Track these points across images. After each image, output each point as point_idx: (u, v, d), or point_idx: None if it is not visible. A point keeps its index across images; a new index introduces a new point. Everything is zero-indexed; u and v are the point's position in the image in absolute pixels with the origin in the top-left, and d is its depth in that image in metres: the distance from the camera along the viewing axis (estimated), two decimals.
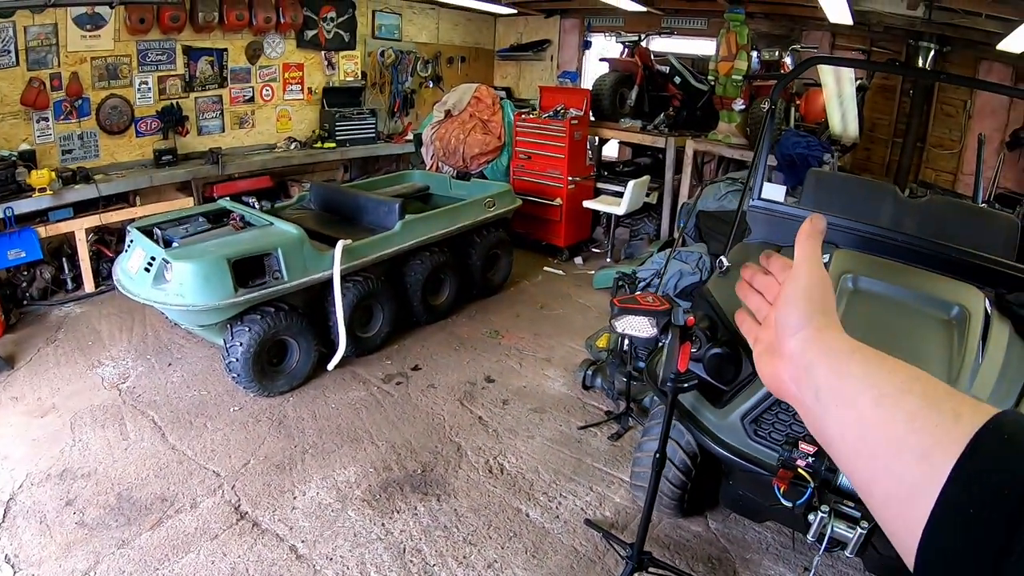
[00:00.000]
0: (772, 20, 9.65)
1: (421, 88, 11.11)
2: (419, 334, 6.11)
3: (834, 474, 2.46)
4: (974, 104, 9.38)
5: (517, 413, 4.98)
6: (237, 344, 4.63)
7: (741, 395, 2.95)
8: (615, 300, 2.91)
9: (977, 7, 6.94)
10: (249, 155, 8.64)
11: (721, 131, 8.49)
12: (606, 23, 11.08)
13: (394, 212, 5.83)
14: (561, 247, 8.55)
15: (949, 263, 3.52)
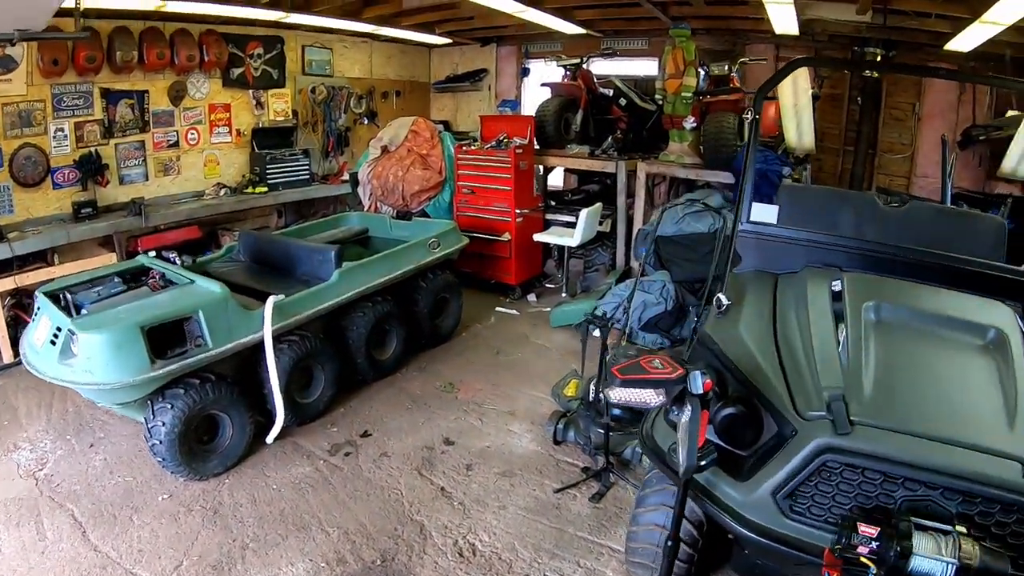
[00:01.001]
0: (714, 35, 9.53)
1: (355, 125, 10.65)
2: (366, 393, 5.52)
3: (905, 559, 2.03)
4: (923, 106, 9.40)
5: (484, 480, 4.43)
6: (159, 424, 4.01)
7: (769, 466, 2.45)
8: (615, 370, 2.36)
9: (928, 8, 6.93)
10: (175, 204, 8.05)
11: (673, 151, 8.17)
12: (544, 48, 10.82)
13: (330, 261, 5.29)
14: (513, 285, 8.09)
15: (962, 276, 3.36)
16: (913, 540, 2.04)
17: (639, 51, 10.16)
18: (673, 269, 7.01)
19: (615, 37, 10.09)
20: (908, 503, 2.23)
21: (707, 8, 7.94)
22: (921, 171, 9.55)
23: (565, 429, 4.75)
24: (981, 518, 2.17)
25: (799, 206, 4.05)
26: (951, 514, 2.17)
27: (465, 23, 9.63)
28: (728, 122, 7.55)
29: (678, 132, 8.06)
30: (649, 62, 10.31)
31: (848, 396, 2.42)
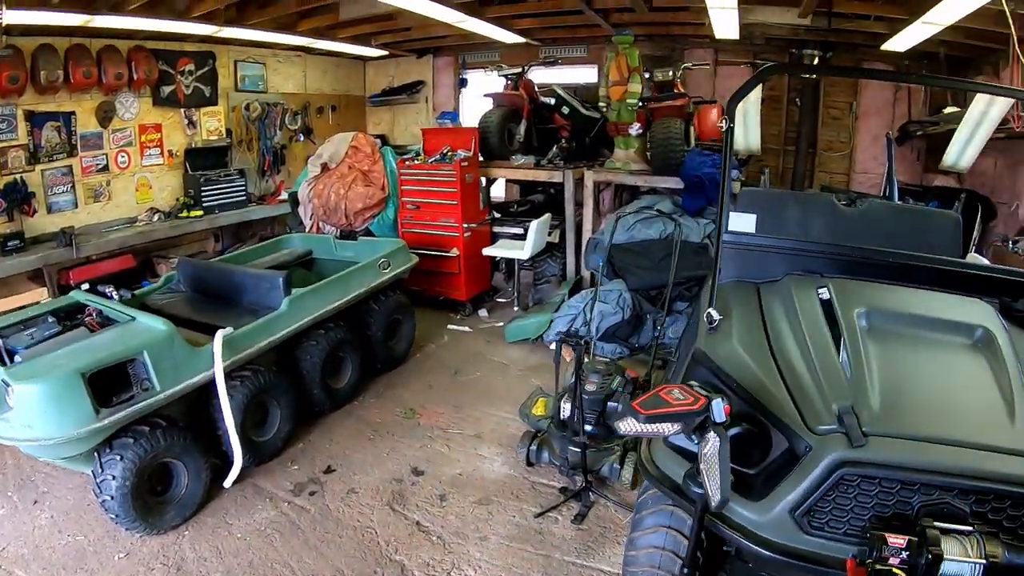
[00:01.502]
0: (654, 41, 9.57)
1: (291, 142, 10.38)
2: (324, 426, 5.24)
3: (936, 565, 1.99)
4: (860, 105, 9.64)
5: (460, 510, 4.22)
6: (109, 477, 3.67)
7: (784, 485, 2.36)
8: (635, 405, 2.26)
9: (867, 10, 7.07)
10: (107, 232, 7.69)
11: (619, 158, 8.13)
12: (482, 58, 10.73)
13: (278, 288, 5.00)
14: (463, 301, 7.91)
15: (939, 276, 3.37)
16: (943, 545, 2.02)
17: (578, 59, 10.15)
18: (628, 277, 6.93)
19: (553, 45, 10.06)
20: (926, 508, 2.21)
21: (648, 15, 7.90)
22: (860, 167, 9.82)
23: (539, 451, 4.60)
24: (994, 514, 2.18)
25: (761, 210, 3.99)
26: (966, 514, 2.17)
27: (402, 34, 9.46)
28: (675, 128, 7.52)
29: (624, 139, 8.01)
30: (588, 69, 10.31)
31: (857, 408, 2.38)
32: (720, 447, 2.11)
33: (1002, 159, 7.94)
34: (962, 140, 6.15)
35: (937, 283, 3.30)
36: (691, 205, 7.37)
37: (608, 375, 4.65)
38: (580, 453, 4.29)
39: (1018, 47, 5.72)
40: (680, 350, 3.75)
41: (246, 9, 7.48)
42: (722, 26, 7.58)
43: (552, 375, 6.05)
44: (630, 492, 4.39)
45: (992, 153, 7.58)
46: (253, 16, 7.59)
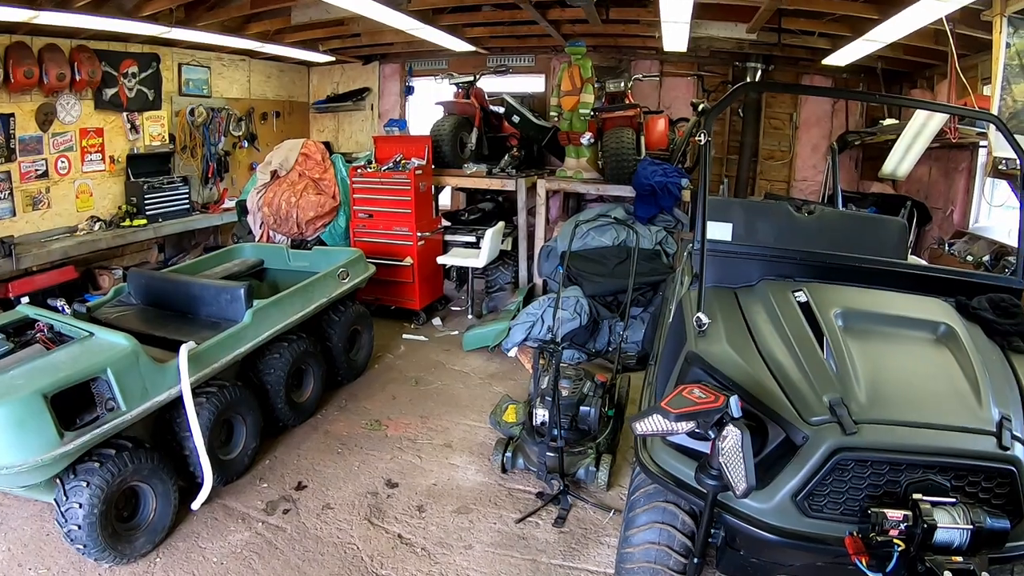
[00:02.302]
0: (601, 52, 9.68)
1: (235, 149, 10.10)
2: (290, 441, 5.10)
3: (931, 533, 2.24)
4: (800, 116, 9.92)
5: (440, 520, 4.17)
6: (75, 506, 3.45)
7: (784, 473, 2.54)
8: (663, 405, 2.40)
9: (812, 27, 7.30)
10: (47, 242, 7.34)
11: (570, 167, 8.20)
12: (429, 66, 10.66)
13: (239, 299, 4.86)
14: (417, 310, 7.83)
15: (903, 279, 3.63)
16: (935, 516, 2.25)
17: (526, 68, 10.19)
18: (585, 284, 6.99)
19: (502, 54, 10.10)
20: (913, 485, 2.42)
21: (599, 26, 7.99)
22: (800, 175, 10.14)
23: (514, 457, 4.62)
24: (970, 487, 2.45)
25: (723, 218, 4.17)
26: (947, 488, 2.41)
27: (351, 40, 9.36)
28: (627, 137, 7.63)
29: (575, 148, 8.08)
30: (535, 79, 10.37)
31: (846, 399, 2.59)
32: (743, 439, 2.25)
33: (937, 167, 8.31)
34: (901, 150, 6.46)
35: (895, 284, 3.54)
36: (643, 213, 7.49)
37: (579, 380, 4.73)
38: (557, 457, 4.32)
39: (956, 63, 6.02)
40: (661, 353, 3.81)
41: (195, 10, 7.30)
42: (672, 39, 7.72)
43: (514, 382, 6.15)
44: (606, 493, 4.45)
45: (927, 161, 7.95)
46: (202, 18, 7.39)
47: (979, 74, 6.73)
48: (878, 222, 4.79)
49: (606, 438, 4.70)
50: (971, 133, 6.27)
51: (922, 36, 6.37)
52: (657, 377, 3.66)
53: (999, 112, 5.32)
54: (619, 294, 6.91)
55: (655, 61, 10.01)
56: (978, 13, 5.50)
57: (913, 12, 5.55)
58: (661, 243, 7.32)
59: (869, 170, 9.43)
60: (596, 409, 4.62)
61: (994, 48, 5.36)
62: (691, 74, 10.12)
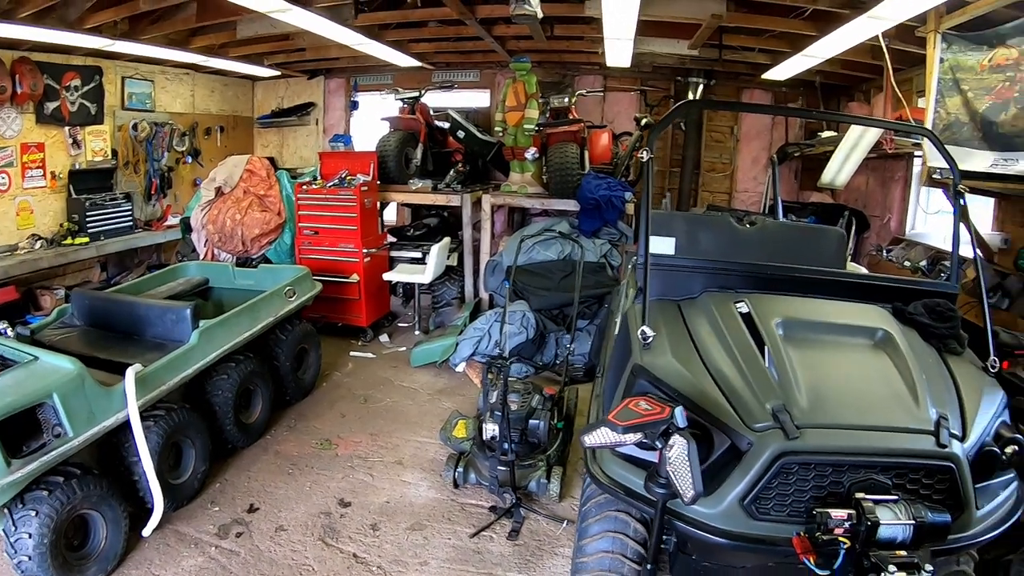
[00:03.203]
0: (545, 68, 9.81)
1: (179, 164, 9.93)
2: (240, 463, 5.04)
3: (875, 530, 2.33)
4: (740, 129, 10.19)
5: (395, 537, 4.17)
6: (24, 536, 3.38)
7: (731, 479, 2.62)
8: (611, 418, 2.45)
9: (753, 43, 7.52)
10: None
11: (515, 182, 8.27)
12: (374, 81, 10.67)
13: (186, 319, 4.79)
14: (364, 327, 7.81)
15: (842, 287, 3.71)
16: (877, 513, 2.33)
17: (471, 83, 10.27)
18: (531, 298, 7.06)
19: (447, 69, 10.16)
20: (855, 485, 2.51)
21: (544, 42, 8.11)
22: (741, 187, 10.42)
23: (466, 472, 4.65)
24: (911, 484, 2.55)
25: (667, 232, 4.23)
26: (889, 486, 2.51)
27: (296, 55, 9.32)
28: (572, 152, 7.74)
29: (520, 163, 8.16)
30: (480, 94, 10.46)
31: (788, 405, 2.66)
32: (689, 448, 2.32)
33: (874, 176, 8.64)
34: (839, 160, 6.68)
35: (834, 293, 3.64)
36: (588, 226, 7.61)
37: (527, 394, 4.79)
38: (508, 471, 4.36)
39: (892, 77, 6.29)
40: (608, 365, 3.89)
41: (139, 23, 7.21)
42: (615, 55, 7.87)
43: (462, 397, 6.18)
44: (558, 504, 4.51)
45: (864, 171, 8.25)
46: (146, 31, 7.31)
47: (914, 87, 7.00)
48: (817, 232, 4.90)
49: (556, 450, 4.76)
50: (907, 144, 6.53)
51: (859, 51, 6.61)
52: (605, 390, 3.72)
53: (933, 124, 5.51)
54: (565, 307, 7.00)
55: (599, 76, 10.21)
56: (913, 29, 5.71)
57: (850, 29, 5.78)
58: (606, 256, 7.44)
59: (808, 180, 9.70)
60: (545, 422, 4.68)
61: (928, 63, 5.56)
62: (634, 89, 10.34)
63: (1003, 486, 2.80)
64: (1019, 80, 4.63)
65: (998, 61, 4.86)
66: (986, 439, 2.77)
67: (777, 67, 7.96)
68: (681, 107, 4.55)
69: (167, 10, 7.04)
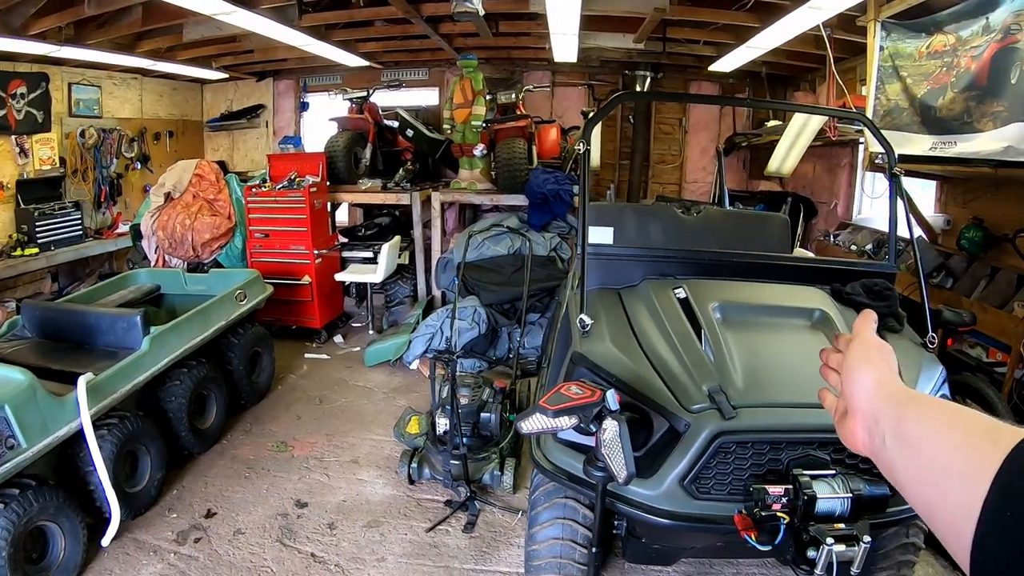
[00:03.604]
0: (494, 64, 9.91)
1: (128, 171, 9.83)
2: (196, 468, 5.05)
3: (812, 504, 2.39)
4: (689, 120, 10.40)
5: (352, 535, 4.23)
6: None
7: (670, 460, 2.68)
8: (542, 403, 2.50)
9: (698, 36, 7.69)
10: None
11: (464, 178, 8.36)
12: (324, 82, 10.68)
13: (136, 326, 4.79)
14: (318, 328, 7.84)
15: (782, 270, 3.80)
16: (814, 487, 2.40)
17: (420, 82, 10.33)
18: (482, 293, 7.15)
19: (396, 68, 10.21)
20: (794, 461, 2.59)
21: (491, 39, 8.20)
22: (691, 177, 10.64)
23: (419, 467, 4.71)
24: (849, 459, 2.60)
25: (609, 223, 4.39)
26: (827, 461, 2.58)
27: (244, 56, 9.31)
28: (519, 147, 7.83)
29: (469, 160, 8.24)
30: (429, 92, 10.51)
31: (724, 386, 2.72)
32: (620, 430, 2.38)
33: (820, 164, 8.91)
34: (784, 149, 6.88)
35: (776, 277, 3.73)
36: (537, 220, 7.72)
37: (478, 387, 4.88)
38: (461, 465, 4.44)
39: (834, 66, 6.50)
40: (552, 355, 4.00)
41: (85, 28, 7.16)
42: (562, 50, 7.99)
43: (417, 394, 6.24)
44: (513, 496, 4.61)
45: (811, 159, 8.50)
46: (92, 35, 7.26)
47: (857, 76, 7.22)
48: (761, 219, 5.05)
49: (509, 442, 4.83)
50: (850, 131, 6.73)
51: (803, 41, 6.80)
52: (548, 378, 3.80)
53: (874, 111, 5.72)
54: (516, 301, 7.09)
55: (547, 72, 10.36)
56: (854, 19, 5.91)
57: (792, 19, 5.95)
58: (555, 249, 7.56)
59: (756, 169, 9.96)
60: (496, 415, 4.77)
61: (869, 51, 5.76)
62: (582, 84, 10.50)
63: None
64: (956, 66, 4.78)
65: (935, 47, 5.02)
66: None
67: (723, 59, 8.13)
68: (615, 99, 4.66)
69: (113, 14, 7.01)
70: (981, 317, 4.73)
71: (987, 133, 4.44)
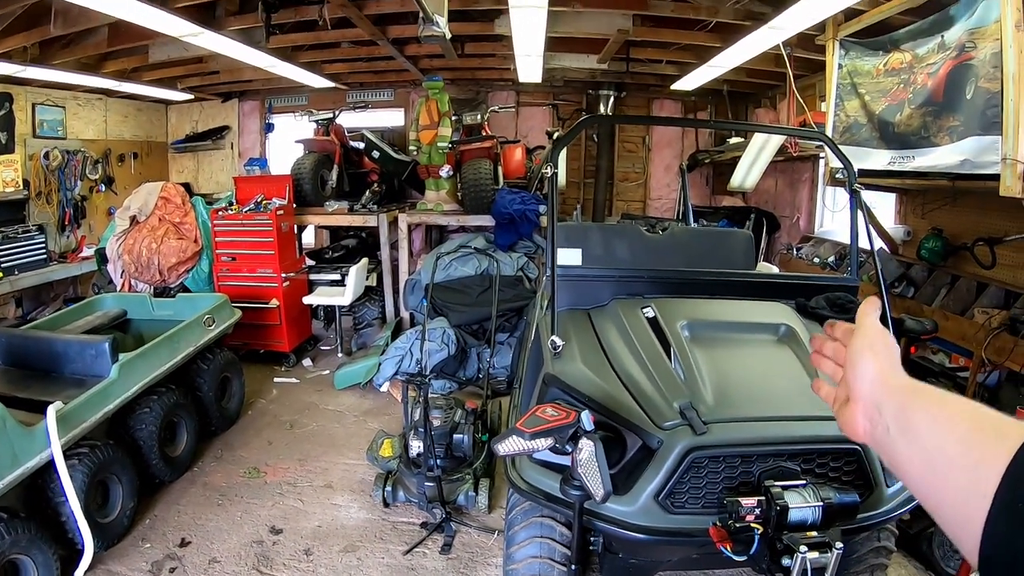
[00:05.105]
0: (459, 85, 10.02)
1: (92, 193, 9.70)
2: (168, 497, 4.99)
3: (784, 514, 2.43)
4: (652, 139, 10.58)
5: (328, 561, 4.21)
6: None
7: (645, 476, 2.72)
8: (519, 426, 2.52)
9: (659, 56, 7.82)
10: None
11: (430, 199, 8.40)
12: (289, 103, 10.66)
13: (104, 354, 4.74)
14: (287, 352, 7.78)
15: (748, 286, 3.90)
16: (786, 498, 2.45)
17: (385, 103, 10.37)
18: (450, 315, 7.18)
19: (361, 89, 10.25)
20: (765, 473, 2.65)
21: (456, 60, 8.27)
22: (655, 194, 10.82)
23: (394, 491, 4.70)
24: (819, 468, 2.70)
25: (577, 243, 4.45)
26: (798, 472, 2.64)
27: (210, 77, 9.27)
28: (485, 168, 7.89)
29: (435, 181, 8.29)
30: (395, 113, 10.56)
31: (695, 403, 2.78)
32: (596, 449, 2.42)
33: (782, 178, 9.11)
34: (746, 165, 7.03)
35: (741, 293, 3.83)
36: (503, 240, 7.77)
37: (450, 409, 4.90)
38: (436, 486, 4.45)
39: (794, 84, 6.67)
40: (524, 376, 4.04)
41: (50, 47, 7.10)
42: (526, 71, 8.09)
43: (388, 416, 6.24)
44: (488, 516, 4.63)
45: (773, 174, 8.70)
46: (57, 55, 7.20)
47: (817, 92, 7.39)
48: (726, 235, 5.13)
49: (482, 463, 4.86)
50: (811, 147, 6.86)
51: (763, 60, 6.95)
52: (521, 400, 3.83)
53: (833, 127, 5.89)
54: (484, 321, 7.16)
55: (511, 92, 10.49)
56: (812, 38, 6.07)
57: (752, 40, 6.08)
58: (523, 269, 7.60)
59: (720, 185, 10.13)
60: (469, 436, 4.78)
61: (828, 69, 5.93)
62: (547, 104, 10.65)
63: None
64: (912, 82, 4.93)
65: (893, 65, 5.18)
66: None
67: (685, 78, 8.29)
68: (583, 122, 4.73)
69: (79, 34, 6.95)
70: (943, 324, 4.87)
71: (944, 147, 4.59)
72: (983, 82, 4.18)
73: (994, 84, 4.05)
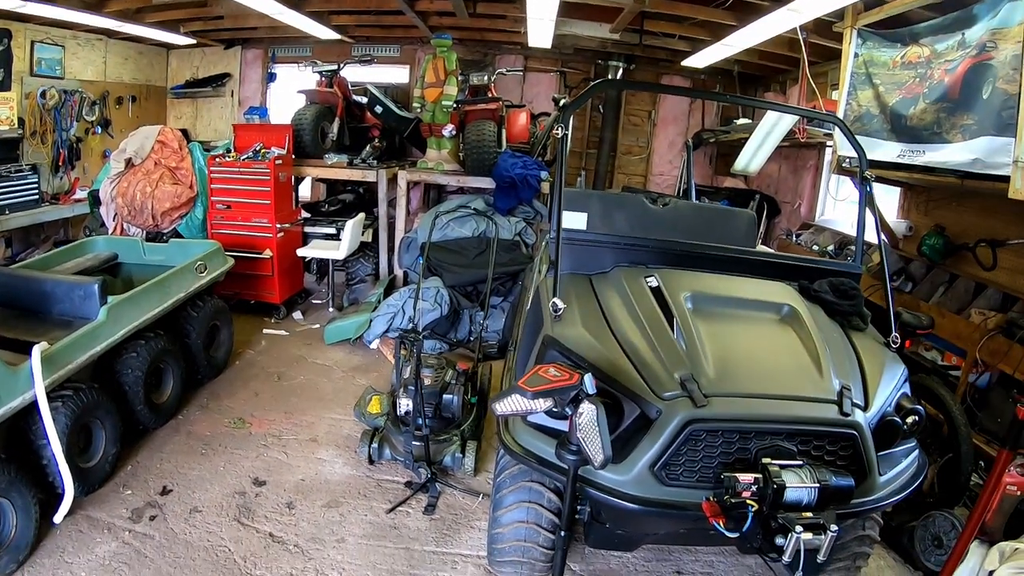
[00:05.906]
0: (467, 45, 9.87)
1: (88, 135, 9.52)
2: (152, 444, 4.93)
3: (781, 493, 2.45)
4: (658, 114, 10.48)
5: (311, 515, 4.19)
6: None
7: (641, 446, 2.71)
8: (521, 384, 2.48)
9: (674, 30, 7.72)
10: None
11: (431, 159, 8.29)
12: (293, 53, 10.48)
13: (93, 295, 4.68)
14: (277, 304, 7.72)
15: (751, 264, 3.89)
16: (783, 477, 2.47)
17: (391, 59, 10.22)
18: (445, 275, 7.13)
19: (367, 43, 10.09)
20: (762, 451, 2.64)
21: (466, 20, 8.13)
22: (657, 170, 10.74)
23: (380, 448, 4.68)
24: (815, 450, 2.70)
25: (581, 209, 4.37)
26: (794, 452, 2.65)
27: (213, 22, 9.10)
28: (489, 130, 7.79)
29: (437, 140, 8.17)
30: (400, 69, 10.40)
31: (696, 375, 2.78)
32: (598, 414, 2.38)
33: (786, 164, 9.03)
34: (753, 147, 6.93)
35: (745, 270, 3.81)
36: (503, 204, 7.69)
37: (441, 369, 4.84)
38: (423, 446, 4.44)
39: (807, 70, 6.57)
40: (520, 339, 4.00)
41: None
42: (537, 36, 7.98)
43: (377, 373, 6.22)
44: (474, 479, 4.62)
45: (778, 159, 8.63)
46: None
47: (829, 80, 7.33)
48: (729, 213, 5.08)
49: (470, 425, 4.85)
50: (818, 134, 6.80)
51: (777, 43, 6.88)
52: (516, 362, 3.80)
53: (845, 116, 5.81)
54: (479, 284, 7.11)
55: (519, 56, 10.36)
56: (830, 25, 6.00)
57: (769, 20, 6.00)
58: (520, 234, 7.56)
59: (723, 166, 10.08)
60: (459, 397, 4.76)
61: (843, 57, 5.85)
62: (554, 70, 10.52)
63: (905, 454, 3.01)
64: (929, 77, 4.87)
65: (910, 58, 5.11)
66: (887, 409, 2.96)
67: (697, 54, 8.19)
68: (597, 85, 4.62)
69: None
70: (938, 321, 4.84)
71: (956, 144, 4.54)
72: (1001, 83, 4.13)
73: (1012, 86, 4.01)
